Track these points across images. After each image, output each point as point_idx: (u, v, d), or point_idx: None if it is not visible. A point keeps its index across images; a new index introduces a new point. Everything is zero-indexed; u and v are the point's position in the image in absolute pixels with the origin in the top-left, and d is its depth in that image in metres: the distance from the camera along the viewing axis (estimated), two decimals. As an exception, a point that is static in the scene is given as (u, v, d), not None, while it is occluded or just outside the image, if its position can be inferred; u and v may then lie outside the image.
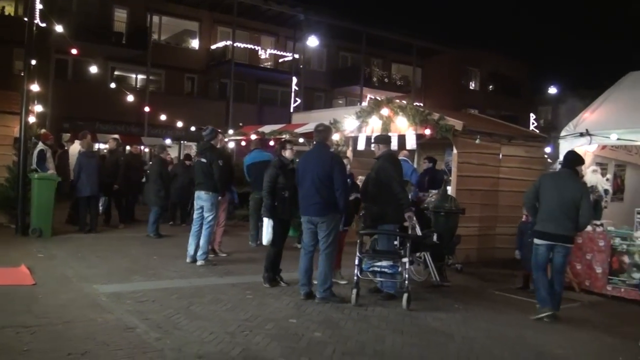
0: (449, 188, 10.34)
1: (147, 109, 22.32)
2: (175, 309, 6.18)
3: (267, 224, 7.41)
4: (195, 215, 9.16)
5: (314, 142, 7.51)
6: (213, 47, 30.67)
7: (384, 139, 7.74)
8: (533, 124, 36.89)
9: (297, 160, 7.56)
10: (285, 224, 7.77)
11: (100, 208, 12.79)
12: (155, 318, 5.78)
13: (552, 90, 38.05)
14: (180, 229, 12.63)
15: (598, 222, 9.02)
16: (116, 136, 17.92)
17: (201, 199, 8.96)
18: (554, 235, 6.77)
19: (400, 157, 10.74)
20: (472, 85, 41.85)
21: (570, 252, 7.07)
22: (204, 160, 9.00)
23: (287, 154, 7.72)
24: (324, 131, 7.28)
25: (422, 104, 25.59)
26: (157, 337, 5.19)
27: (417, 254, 8.16)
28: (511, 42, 55.51)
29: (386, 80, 36.25)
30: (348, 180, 7.53)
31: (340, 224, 7.23)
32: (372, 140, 7.82)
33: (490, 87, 42.03)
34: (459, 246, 9.47)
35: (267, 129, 15.80)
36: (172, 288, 7.17)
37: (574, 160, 7.12)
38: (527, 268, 8.24)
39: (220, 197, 9.17)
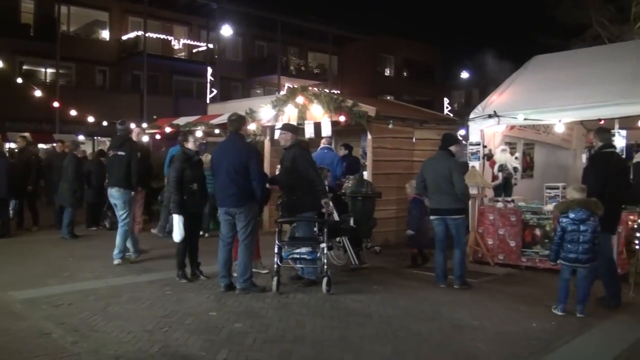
0: (365, 173, 10.55)
1: (57, 104, 21.43)
2: (92, 310, 6.04)
3: (177, 221, 7.28)
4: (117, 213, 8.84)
5: (228, 133, 7.44)
6: (124, 37, 29.74)
7: (292, 128, 7.66)
8: (447, 107, 38.12)
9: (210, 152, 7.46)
10: (196, 217, 7.68)
11: (11, 211, 12.11)
12: (72, 321, 5.63)
13: (465, 74, 39.37)
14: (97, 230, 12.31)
15: (509, 199, 9.53)
16: (25, 134, 17.13)
17: (113, 196, 8.65)
18: (440, 209, 7.47)
19: (323, 145, 10.86)
20: (387, 72, 42.65)
21: (463, 222, 7.64)
22: (122, 153, 8.64)
23: (190, 145, 7.60)
24: (236, 120, 7.19)
25: (339, 92, 25.87)
26: (73, 340, 5.06)
27: (336, 239, 8.30)
28: (424, 28, 56.84)
29: (303, 68, 36.41)
30: None
31: (257, 214, 7.22)
32: (280, 129, 7.76)
33: (405, 73, 42.99)
34: (378, 229, 9.72)
35: (182, 121, 15.51)
36: (88, 289, 6.98)
37: (447, 141, 7.80)
38: (410, 245, 9.01)
39: (133, 193, 8.84)
